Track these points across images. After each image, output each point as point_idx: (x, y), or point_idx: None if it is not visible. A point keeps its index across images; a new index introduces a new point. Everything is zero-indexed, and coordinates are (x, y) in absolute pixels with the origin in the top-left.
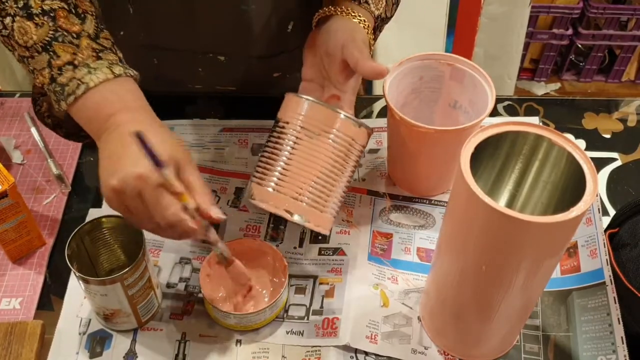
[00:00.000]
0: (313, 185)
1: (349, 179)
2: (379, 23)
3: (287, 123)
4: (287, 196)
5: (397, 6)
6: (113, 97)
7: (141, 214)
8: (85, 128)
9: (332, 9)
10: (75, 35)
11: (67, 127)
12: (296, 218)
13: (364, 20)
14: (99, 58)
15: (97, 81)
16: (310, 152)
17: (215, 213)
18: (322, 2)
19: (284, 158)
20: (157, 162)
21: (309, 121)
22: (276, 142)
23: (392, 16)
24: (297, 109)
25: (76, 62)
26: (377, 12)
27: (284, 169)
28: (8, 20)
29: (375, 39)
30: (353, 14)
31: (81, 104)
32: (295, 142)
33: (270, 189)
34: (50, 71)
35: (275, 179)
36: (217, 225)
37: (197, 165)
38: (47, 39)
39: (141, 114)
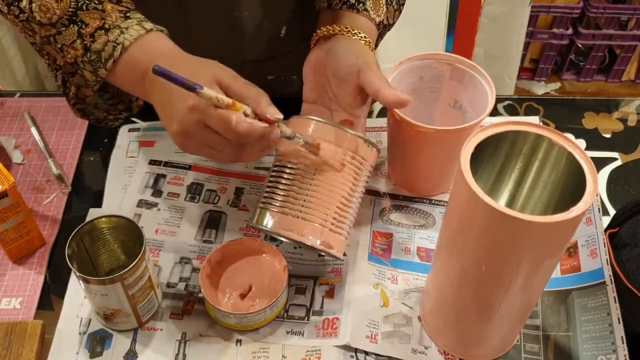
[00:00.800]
0: (333, 209)
1: (359, 199)
2: (382, 30)
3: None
4: (307, 221)
5: (399, 13)
6: (149, 50)
7: (215, 142)
8: (130, 90)
9: (335, 28)
10: (97, 1)
11: (97, 111)
12: (316, 243)
13: (365, 36)
14: (127, 18)
15: (132, 39)
16: (330, 177)
17: (272, 114)
18: (314, 7)
19: (303, 184)
20: (190, 87)
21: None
22: (284, 167)
23: (394, 23)
24: (304, 130)
25: (107, 26)
26: (378, 19)
27: (301, 195)
28: (25, 2)
29: (375, 47)
30: (358, 33)
31: (121, 66)
32: (304, 166)
33: (291, 217)
34: (83, 41)
35: (296, 205)
36: (217, 224)
37: (197, 166)
38: (71, 10)
39: (169, 55)
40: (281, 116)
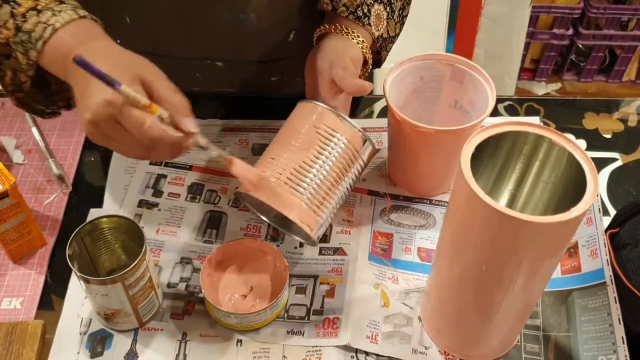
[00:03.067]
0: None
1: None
2: (382, 43)
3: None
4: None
5: (402, 25)
6: (78, 35)
7: (124, 139)
8: (58, 74)
9: (329, 26)
10: None
11: (35, 104)
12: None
13: (363, 40)
14: (61, 2)
15: (63, 22)
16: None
17: (187, 127)
18: (324, 15)
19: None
20: (108, 82)
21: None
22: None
23: (397, 35)
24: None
25: (39, 7)
26: (377, 33)
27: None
28: None
29: (381, 61)
30: (352, 33)
31: (50, 48)
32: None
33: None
34: (15, 21)
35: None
36: (218, 224)
37: (198, 166)
38: None
39: (98, 44)
40: (196, 130)
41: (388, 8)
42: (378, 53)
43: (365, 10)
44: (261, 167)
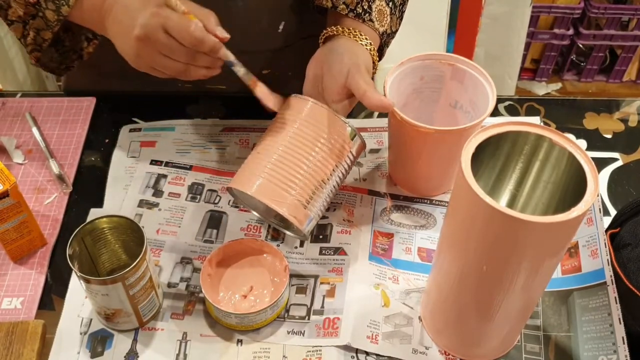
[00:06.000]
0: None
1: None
2: (385, 39)
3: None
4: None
5: (401, 20)
6: None
7: (171, 47)
8: (89, 24)
9: (339, 29)
10: None
11: (51, 62)
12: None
13: (370, 42)
14: None
15: None
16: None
17: (221, 31)
18: (314, 7)
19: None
20: None
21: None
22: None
23: (397, 31)
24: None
25: None
26: (381, 29)
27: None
28: None
29: (382, 56)
30: (360, 36)
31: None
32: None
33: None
34: None
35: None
36: (218, 224)
37: (198, 166)
38: None
39: None
40: (228, 36)
41: (390, 3)
42: (380, 49)
43: (366, 7)
44: (251, 161)
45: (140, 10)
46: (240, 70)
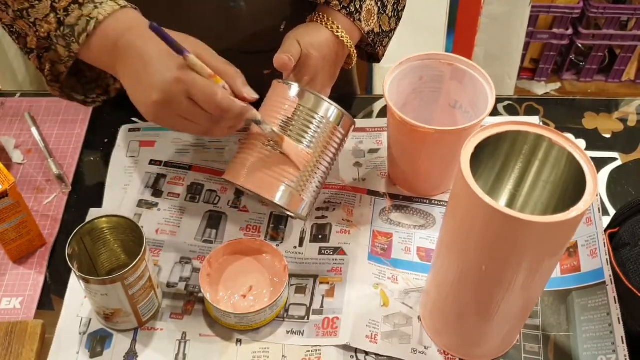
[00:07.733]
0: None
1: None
2: (375, 38)
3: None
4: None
5: (398, 19)
6: (124, 21)
7: (195, 114)
8: (99, 64)
9: (313, 16)
10: None
11: (75, 94)
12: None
13: (342, 32)
14: None
15: (106, 14)
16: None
17: (248, 92)
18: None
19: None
20: (178, 50)
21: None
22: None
23: (392, 29)
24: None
25: (80, 0)
26: (367, 28)
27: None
28: None
29: (381, 54)
30: (330, 22)
31: (97, 38)
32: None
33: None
34: (56, 15)
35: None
36: (218, 224)
37: (197, 166)
38: None
39: (146, 28)
40: (257, 96)
41: (379, 3)
42: (373, 47)
43: (358, 6)
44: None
45: (160, 69)
46: (266, 127)
